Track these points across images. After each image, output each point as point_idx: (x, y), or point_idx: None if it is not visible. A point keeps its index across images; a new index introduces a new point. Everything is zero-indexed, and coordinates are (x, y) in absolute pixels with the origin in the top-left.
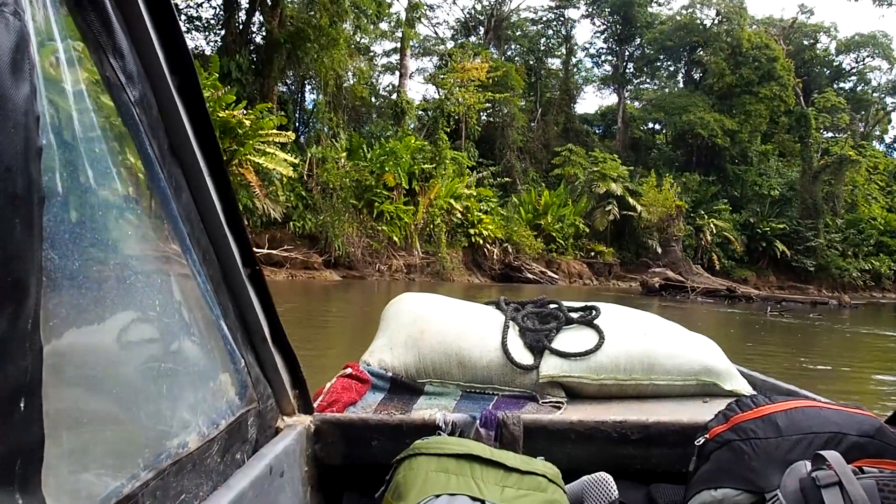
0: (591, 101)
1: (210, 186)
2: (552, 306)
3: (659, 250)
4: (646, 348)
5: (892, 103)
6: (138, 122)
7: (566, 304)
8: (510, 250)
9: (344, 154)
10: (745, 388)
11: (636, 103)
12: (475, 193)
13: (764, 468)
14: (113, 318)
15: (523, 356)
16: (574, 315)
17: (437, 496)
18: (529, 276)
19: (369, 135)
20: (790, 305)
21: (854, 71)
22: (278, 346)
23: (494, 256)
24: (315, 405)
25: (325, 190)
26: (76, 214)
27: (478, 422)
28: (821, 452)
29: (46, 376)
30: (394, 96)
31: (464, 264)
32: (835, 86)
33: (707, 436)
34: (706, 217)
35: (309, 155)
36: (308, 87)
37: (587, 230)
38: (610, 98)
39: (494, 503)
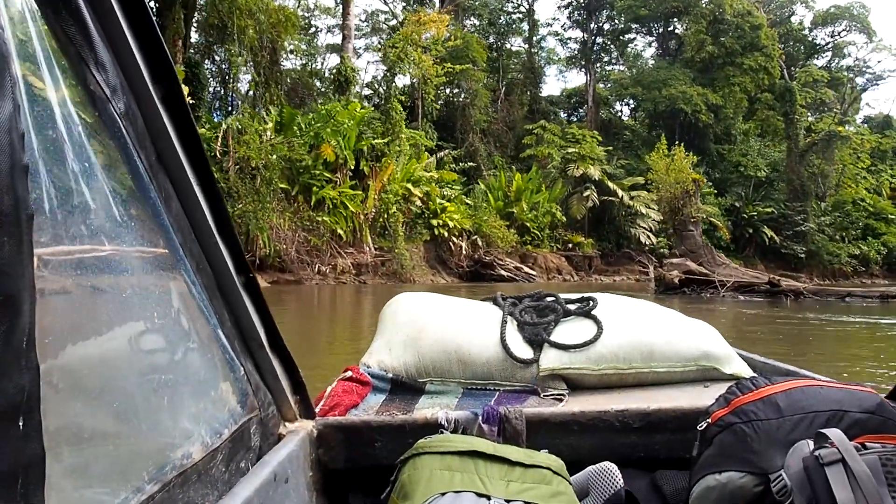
0: (552, 85)
1: (199, 195)
2: (549, 299)
3: (642, 239)
4: (644, 336)
5: (862, 83)
6: (125, 134)
7: (563, 296)
8: (480, 244)
9: (270, 126)
10: (746, 371)
11: (601, 84)
12: (437, 176)
13: (766, 449)
14: (110, 332)
15: (523, 350)
16: (571, 307)
17: (443, 494)
18: (503, 273)
19: (308, 112)
20: (856, 302)
21: (829, 46)
22: (276, 353)
23: (462, 251)
24: (316, 410)
25: (243, 170)
26: (67, 230)
27: (480, 418)
28: (822, 431)
29: (45, 392)
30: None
31: (426, 261)
32: (809, 63)
33: (709, 420)
34: None
35: (224, 127)
36: (243, 70)
37: (564, 219)
38: (575, 80)
39: (500, 498)
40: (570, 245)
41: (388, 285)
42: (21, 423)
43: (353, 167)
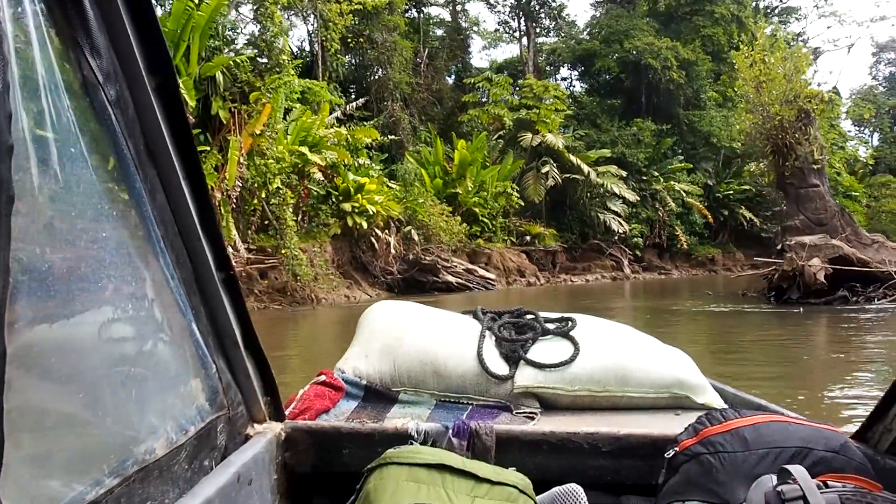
0: (477, 62)
1: (185, 188)
2: (529, 317)
3: (613, 227)
4: (620, 360)
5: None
6: (114, 121)
7: (542, 314)
8: (416, 238)
9: None
10: (717, 402)
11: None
12: (348, 136)
13: (731, 481)
14: (82, 321)
15: (499, 366)
16: (550, 326)
17: None
18: (450, 278)
19: None
20: None
21: (778, 10)
22: (251, 352)
23: (390, 250)
24: (287, 412)
25: None
26: (47, 214)
27: (450, 431)
28: (786, 467)
29: (10, 378)
30: None
31: (336, 267)
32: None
33: (677, 448)
34: (662, 180)
35: None
36: None
37: (521, 203)
38: (502, 56)
39: None
40: (528, 237)
41: (270, 311)
42: None
43: (195, 107)
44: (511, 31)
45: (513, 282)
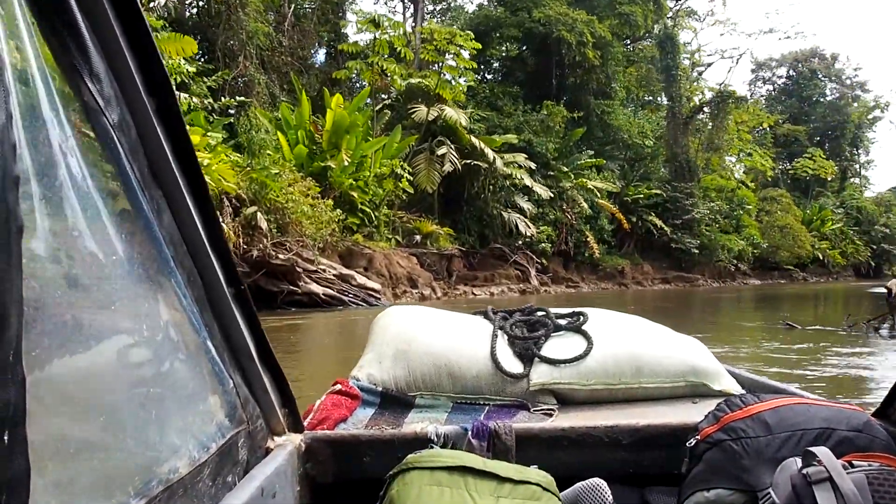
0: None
1: (192, 207)
2: (539, 314)
3: (520, 228)
4: (633, 351)
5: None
6: (118, 145)
7: (553, 310)
8: (264, 227)
9: None
10: (734, 388)
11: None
12: (168, 58)
13: (755, 467)
14: (99, 345)
15: (513, 365)
16: (562, 322)
17: None
18: (316, 288)
19: None
20: None
21: (672, 14)
22: (266, 365)
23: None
24: (305, 423)
25: None
26: (57, 242)
27: (469, 433)
28: (810, 449)
29: (31, 406)
30: None
31: None
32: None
33: (698, 437)
34: (573, 177)
35: None
36: None
37: (410, 192)
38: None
39: None
40: (418, 237)
41: None
42: (6, 438)
43: None
44: (392, 11)
45: (402, 293)
